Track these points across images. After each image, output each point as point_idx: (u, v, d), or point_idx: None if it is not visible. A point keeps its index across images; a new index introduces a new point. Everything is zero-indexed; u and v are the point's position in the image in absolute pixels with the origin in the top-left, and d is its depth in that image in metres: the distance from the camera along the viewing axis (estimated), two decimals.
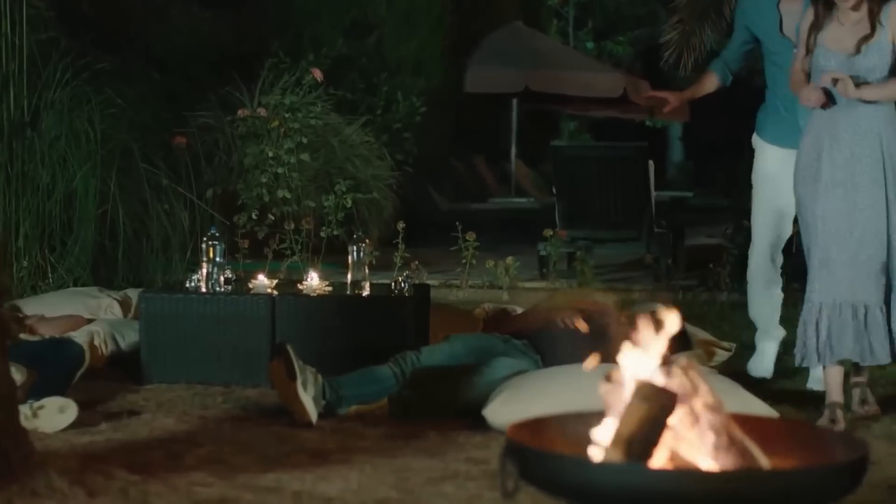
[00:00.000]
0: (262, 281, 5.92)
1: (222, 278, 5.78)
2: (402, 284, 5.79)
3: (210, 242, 5.76)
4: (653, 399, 2.73)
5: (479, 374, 5.02)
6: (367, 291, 5.77)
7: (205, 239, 5.80)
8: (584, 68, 15.90)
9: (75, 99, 7.93)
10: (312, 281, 5.92)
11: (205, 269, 5.76)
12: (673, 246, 9.97)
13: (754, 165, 5.91)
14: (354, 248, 5.79)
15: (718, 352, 6.19)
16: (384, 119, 13.18)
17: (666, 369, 2.80)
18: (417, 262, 8.83)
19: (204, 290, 5.74)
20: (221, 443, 4.46)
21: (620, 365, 2.84)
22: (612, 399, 2.81)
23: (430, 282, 8.05)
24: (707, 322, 6.96)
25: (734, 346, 6.17)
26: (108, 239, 7.85)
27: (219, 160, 9.86)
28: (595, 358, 3.03)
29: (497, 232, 11.04)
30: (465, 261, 8.95)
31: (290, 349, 4.84)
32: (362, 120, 11.70)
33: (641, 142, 10.31)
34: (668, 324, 2.80)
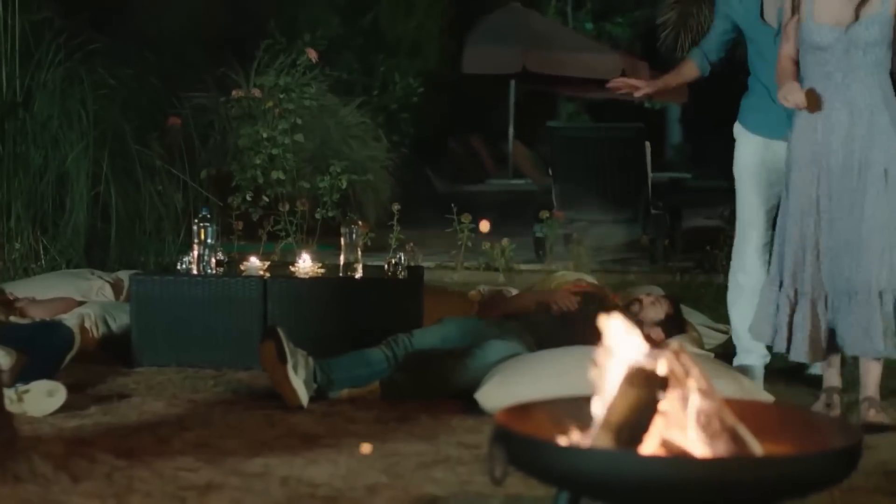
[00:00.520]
0: (254, 263, 5.87)
1: (214, 260, 5.73)
2: (396, 267, 5.73)
3: (201, 224, 5.70)
4: (643, 384, 2.68)
5: (472, 358, 4.98)
6: (359, 273, 5.71)
7: (196, 220, 5.74)
8: (583, 49, 15.81)
9: (68, 80, 7.86)
10: (305, 263, 5.88)
11: (196, 251, 5.71)
12: (670, 227, 9.94)
13: (735, 156, 5.47)
14: (347, 230, 5.73)
15: (714, 334, 6.15)
16: (381, 100, 13.12)
17: (657, 354, 2.74)
18: (413, 244, 8.78)
19: (195, 272, 5.68)
20: (210, 427, 4.42)
21: (611, 349, 2.78)
22: (602, 384, 2.76)
23: (425, 264, 8.01)
24: (703, 305, 6.91)
25: (730, 328, 6.11)
26: (100, 221, 7.80)
27: (214, 141, 9.80)
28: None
29: (494, 214, 10.98)
30: (460, 243, 8.91)
31: (280, 332, 4.79)
32: (358, 101, 11.65)
33: (638, 123, 10.27)
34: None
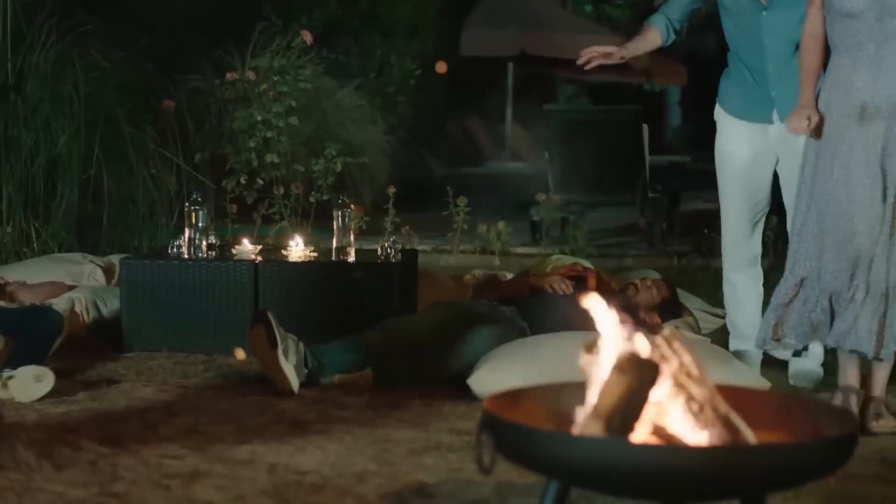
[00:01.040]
0: (246, 246, 5.81)
1: (205, 244, 5.66)
2: (389, 250, 5.66)
3: (192, 207, 5.64)
4: (634, 371, 2.62)
5: (465, 343, 4.91)
6: (352, 257, 5.64)
7: (187, 204, 5.68)
8: (582, 31, 15.72)
9: (60, 62, 7.79)
10: (297, 246, 5.81)
11: (187, 234, 5.64)
12: (668, 210, 9.88)
13: (717, 142, 5.07)
14: (339, 214, 5.65)
15: (712, 319, 6.09)
16: (378, 82, 13.04)
17: (649, 339, 2.69)
18: (408, 228, 8.73)
19: (186, 256, 5.62)
20: (199, 413, 4.36)
21: (603, 335, 2.72)
22: (593, 371, 2.70)
23: (421, 247, 7.96)
24: (701, 289, 6.85)
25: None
26: (92, 204, 7.73)
27: (209, 124, 9.74)
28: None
29: (490, 196, 10.93)
30: (456, 226, 8.86)
31: (271, 316, 4.73)
32: (355, 83, 11.57)
33: (636, 105, 10.21)
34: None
